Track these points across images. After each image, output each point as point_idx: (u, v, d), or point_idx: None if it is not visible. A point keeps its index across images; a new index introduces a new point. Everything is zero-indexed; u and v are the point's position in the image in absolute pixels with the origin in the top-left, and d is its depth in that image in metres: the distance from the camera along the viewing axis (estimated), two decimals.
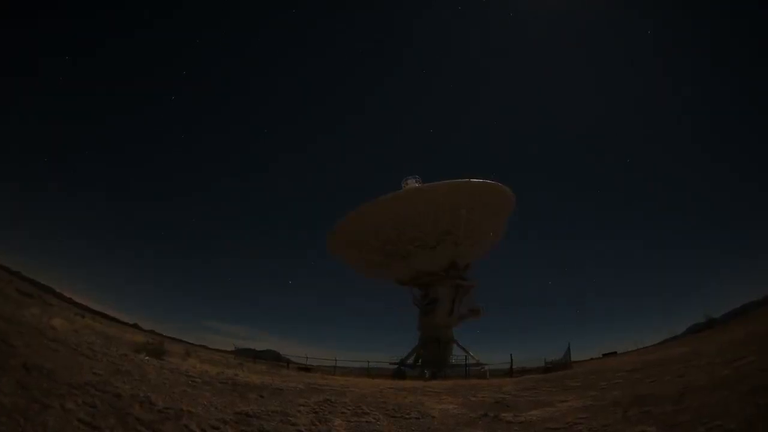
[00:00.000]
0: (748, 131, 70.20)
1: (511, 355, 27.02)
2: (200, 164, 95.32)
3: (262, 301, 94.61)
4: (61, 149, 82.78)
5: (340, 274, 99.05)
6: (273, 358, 33.38)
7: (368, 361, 29.43)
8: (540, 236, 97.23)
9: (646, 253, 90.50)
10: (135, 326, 35.88)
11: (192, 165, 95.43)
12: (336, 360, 29.76)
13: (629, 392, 7.33)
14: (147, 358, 9.69)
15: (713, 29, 66.89)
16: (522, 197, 32.26)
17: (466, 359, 30.74)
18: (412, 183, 31.93)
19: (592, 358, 28.22)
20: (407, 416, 6.97)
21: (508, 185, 32.61)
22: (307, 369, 25.32)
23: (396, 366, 30.34)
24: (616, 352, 28.42)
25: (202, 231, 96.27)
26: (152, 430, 4.29)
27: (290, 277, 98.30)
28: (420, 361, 31.77)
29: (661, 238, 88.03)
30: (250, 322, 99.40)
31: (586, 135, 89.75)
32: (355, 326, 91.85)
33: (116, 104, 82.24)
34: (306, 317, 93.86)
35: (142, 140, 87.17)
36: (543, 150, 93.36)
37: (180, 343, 26.23)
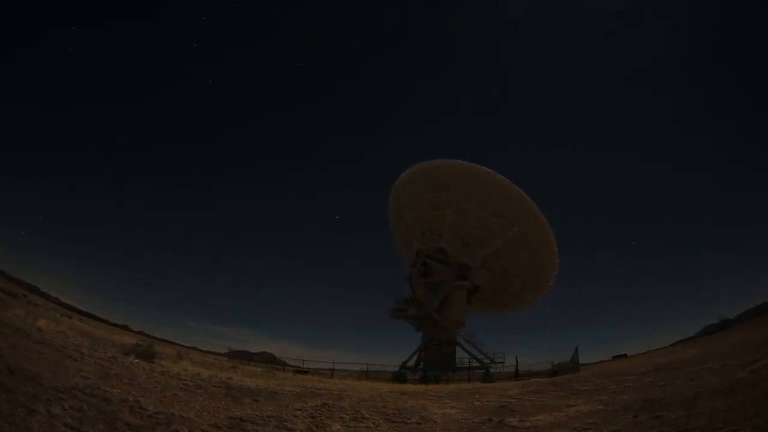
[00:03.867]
0: (762, 130, 70.44)
1: (516, 357, 27.20)
2: (194, 163, 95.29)
3: (257, 302, 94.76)
4: (50, 144, 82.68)
5: (339, 274, 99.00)
6: (268, 360, 33.49)
7: (367, 364, 29.61)
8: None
9: (658, 252, 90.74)
10: (124, 327, 36.01)
11: (186, 163, 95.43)
12: (334, 362, 29.94)
13: (640, 396, 7.35)
14: (137, 360, 9.71)
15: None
16: (531, 193, 32.19)
17: (469, 362, 30.85)
18: None
19: (601, 361, 28.31)
20: (408, 421, 7.00)
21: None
22: (303, 372, 25.41)
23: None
24: (626, 355, 28.52)
25: (195, 230, 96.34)
26: None
27: (287, 276, 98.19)
28: (422, 363, 31.86)
29: (672, 236, 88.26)
30: (245, 323, 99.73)
31: (593, 133, 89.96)
32: (353, 328, 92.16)
33: (108, 100, 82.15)
34: (303, 318, 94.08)
35: (134, 138, 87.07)
36: (548, 149, 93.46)
37: (171, 345, 26.36)
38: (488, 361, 31.02)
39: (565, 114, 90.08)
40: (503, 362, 29.89)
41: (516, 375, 24.38)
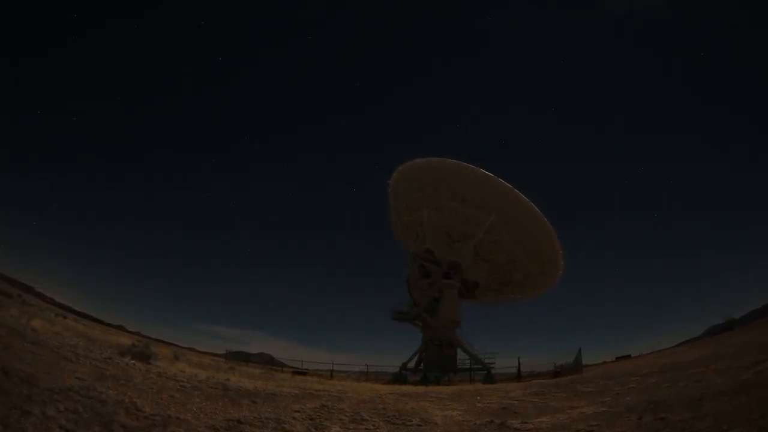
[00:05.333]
0: (763, 130, 70.60)
1: (518, 358, 27.16)
2: (192, 163, 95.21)
3: (255, 302, 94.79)
4: (48, 144, 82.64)
5: (338, 274, 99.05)
6: (266, 361, 33.55)
7: (367, 365, 29.62)
8: None
9: (662, 252, 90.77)
10: (120, 328, 35.99)
11: (184, 163, 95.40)
12: (333, 364, 29.98)
13: (644, 398, 7.36)
14: (133, 361, 9.72)
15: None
16: (532, 195, 31.98)
17: (470, 363, 30.85)
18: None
19: (605, 362, 28.35)
20: (408, 423, 7.01)
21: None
22: (302, 373, 25.45)
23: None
24: (630, 356, 28.56)
25: (193, 229, 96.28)
26: None
27: (285, 277, 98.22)
28: (422, 365, 31.88)
29: (677, 236, 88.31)
30: (243, 323, 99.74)
31: (593, 133, 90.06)
32: (353, 328, 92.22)
33: (105, 99, 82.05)
34: (303, 319, 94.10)
35: (132, 137, 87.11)
36: (549, 150, 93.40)
37: (168, 346, 26.35)
38: (482, 361, 30.99)
39: (565, 115, 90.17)
40: (494, 362, 29.79)
41: (518, 376, 24.40)
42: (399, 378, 27.24)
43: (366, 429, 6.43)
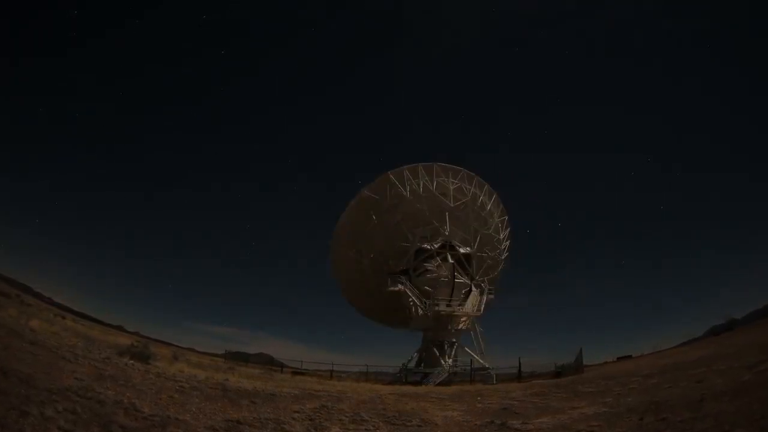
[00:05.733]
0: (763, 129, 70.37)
1: (519, 358, 27.12)
2: (192, 163, 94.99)
3: (255, 302, 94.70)
4: (48, 144, 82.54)
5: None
6: (266, 361, 33.53)
7: (367, 365, 29.60)
8: (551, 233, 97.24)
9: (663, 251, 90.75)
10: (119, 328, 35.97)
11: (184, 163, 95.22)
12: (333, 364, 29.93)
13: (645, 398, 7.37)
14: (132, 362, 9.73)
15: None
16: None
17: (471, 363, 30.80)
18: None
19: (606, 362, 28.33)
20: (408, 423, 7.01)
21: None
22: (302, 373, 25.45)
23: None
24: (631, 356, 28.55)
25: (191, 228, 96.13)
26: None
27: (285, 277, 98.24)
28: (423, 365, 31.81)
29: (678, 235, 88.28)
30: (243, 323, 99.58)
31: (592, 133, 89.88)
32: (353, 328, 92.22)
33: (105, 99, 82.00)
34: (302, 319, 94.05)
35: (132, 137, 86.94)
36: (554, 147, 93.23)
37: (167, 346, 26.35)
38: (488, 366, 30.80)
39: (564, 114, 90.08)
40: (491, 368, 29.53)
41: (519, 376, 24.39)
42: (399, 378, 27.22)
43: (366, 430, 6.43)
